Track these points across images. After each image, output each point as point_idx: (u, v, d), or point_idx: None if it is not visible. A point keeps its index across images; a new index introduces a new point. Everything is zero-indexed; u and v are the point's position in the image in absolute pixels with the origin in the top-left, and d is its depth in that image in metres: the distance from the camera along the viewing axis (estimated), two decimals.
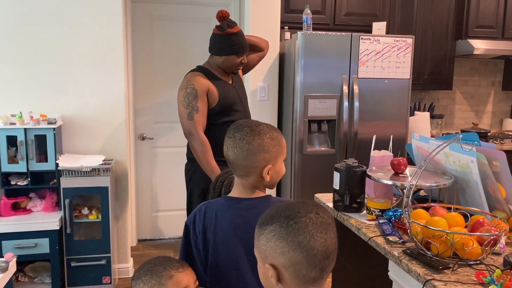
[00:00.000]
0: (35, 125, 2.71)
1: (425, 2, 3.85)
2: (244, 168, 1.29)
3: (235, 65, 2.50)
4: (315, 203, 0.99)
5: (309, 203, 0.97)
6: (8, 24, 2.85)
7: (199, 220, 1.34)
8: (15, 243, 2.65)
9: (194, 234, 1.35)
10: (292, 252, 0.90)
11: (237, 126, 1.33)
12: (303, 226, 0.92)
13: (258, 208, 1.31)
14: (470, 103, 4.54)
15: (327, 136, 3.28)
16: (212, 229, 1.32)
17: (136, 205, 3.81)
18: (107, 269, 2.87)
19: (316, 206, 0.97)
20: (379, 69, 3.23)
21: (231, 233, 1.30)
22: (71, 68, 2.96)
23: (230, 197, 1.37)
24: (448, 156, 1.79)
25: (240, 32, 2.48)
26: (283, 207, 0.97)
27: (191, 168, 2.55)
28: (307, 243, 0.90)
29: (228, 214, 1.32)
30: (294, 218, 0.92)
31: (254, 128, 1.29)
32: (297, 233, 0.91)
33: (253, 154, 1.27)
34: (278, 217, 0.95)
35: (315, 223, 0.92)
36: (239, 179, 1.34)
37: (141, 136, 3.74)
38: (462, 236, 1.35)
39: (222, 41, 2.45)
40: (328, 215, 0.97)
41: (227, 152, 1.31)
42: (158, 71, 3.71)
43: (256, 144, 1.28)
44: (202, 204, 1.39)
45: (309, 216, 0.93)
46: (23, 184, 2.76)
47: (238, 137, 1.29)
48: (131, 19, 3.58)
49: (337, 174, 1.89)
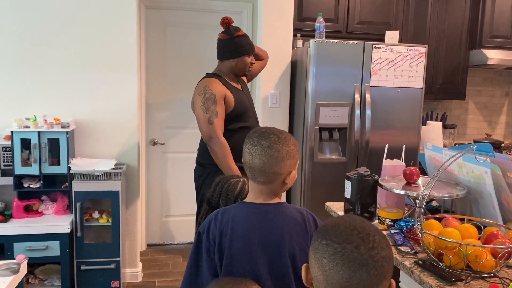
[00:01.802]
0: (48, 128, 2.74)
1: (439, 12, 3.84)
2: (271, 175, 1.31)
3: (247, 65, 2.57)
4: (374, 236, 0.86)
5: (360, 233, 0.86)
6: (24, 28, 2.90)
7: (215, 227, 1.33)
8: (26, 245, 2.67)
9: (207, 242, 1.33)
10: (316, 268, 0.88)
11: (260, 133, 1.34)
12: (331, 252, 0.85)
13: (275, 214, 1.32)
14: (483, 113, 4.50)
15: (338, 144, 3.27)
16: (228, 235, 1.30)
17: (146, 209, 3.82)
18: (116, 273, 2.87)
19: (365, 240, 0.84)
20: (391, 78, 3.22)
21: (249, 238, 1.30)
22: (85, 73, 3.00)
23: (246, 202, 1.37)
24: (461, 167, 1.77)
25: (246, 34, 2.59)
26: (333, 223, 0.90)
27: (203, 173, 2.56)
28: (328, 270, 0.84)
29: (245, 220, 1.32)
30: (328, 239, 0.86)
31: (280, 136, 1.33)
32: (323, 255, 0.86)
33: (282, 161, 1.30)
34: (322, 228, 0.91)
35: (345, 255, 0.83)
36: (258, 185, 1.34)
37: (152, 141, 3.76)
38: (475, 248, 1.34)
39: (232, 45, 2.52)
40: (376, 255, 0.83)
41: (252, 160, 1.31)
42: (171, 77, 3.74)
43: (284, 151, 1.31)
44: (217, 211, 1.39)
45: (343, 246, 0.84)
46: (35, 187, 2.79)
47: (266, 145, 1.30)
48: (145, 25, 3.61)
49: (349, 182, 1.88)
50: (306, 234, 1.33)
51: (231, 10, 3.73)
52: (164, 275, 3.33)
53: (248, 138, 1.35)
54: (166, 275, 3.33)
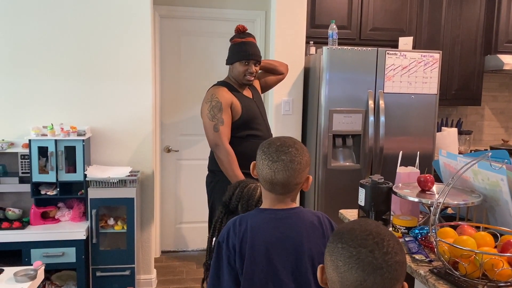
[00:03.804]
0: (65, 136, 2.79)
1: (453, 17, 3.81)
2: (292, 186, 1.34)
3: (241, 73, 2.54)
4: (389, 241, 0.88)
5: (375, 237, 0.87)
6: (43, 38, 2.96)
7: (233, 235, 1.33)
8: (43, 252, 2.72)
9: (227, 250, 1.33)
10: (331, 270, 0.90)
11: (277, 147, 1.33)
12: (347, 255, 0.87)
13: (293, 219, 1.34)
14: (500, 119, 4.44)
15: (352, 151, 3.25)
16: (249, 243, 1.31)
17: (160, 216, 3.85)
18: (131, 280, 2.90)
19: (379, 245, 0.86)
20: (405, 84, 3.20)
21: (270, 245, 1.31)
22: (101, 82, 3.05)
23: (263, 209, 1.38)
24: (476, 174, 1.75)
25: (249, 42, 2.54)
26: (349, 227, 0.92)
27: (213, 180, 2.58)
28: (343, 272, 0.87)
29: (265, 227, 1.33)
30: (344, 243, 0.88)
31: (297, 147, 1.35)
32: (338, 257, 0.88)
33: (302, 172, 1.34)
34: (338, 231, 0.93)
35: (360, 259, 0.85)
36: (276, 196, 1.36)
37: (166, 149, 3.80)
38: (491, 256, 1.32)
39: (230, 50, 2.59)
40: (390, 259, 0.85)
41: (275, 176, 1.31)
42: (185, 85, 3.77)
43: (304, 162, 1.34)
44: (234, 219, 1.39)
45: (358, 250, 0.86)
46: (52, 194, 2.84)
47: (287, 160, 1.31)
48: (160, 34, 3.66)
49: (363, 190, 1.87)
50: (323, 237, 1.35)
51: (244, 18, 3.75)
52: (178, 282, 3.34)
53: (265, 153, 1.34)
54: (180, 282, 3.34)
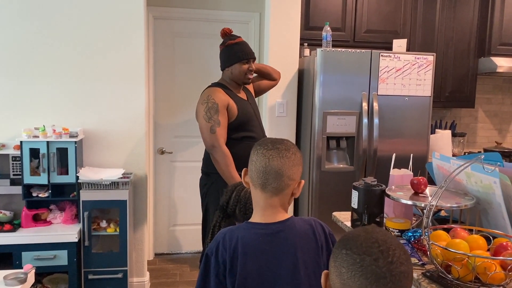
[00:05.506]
0: (57, 138, 2.76)
1: (447, 20, 3.82)
2: (285, 179, 1.28)
3: (242, 72, 2.58)
4: (394, 250, 0.86)
5: (381, 246, 0.86)
6: (34, 39, 2.94)
7: (223, 250, 1.27)
8: (34, 254, 2.69)
9: (216, 265, 1.27)
10: (334, 276, 0.89)
11: (274, 141, 1.33)
12: (350, 262, 0.86)
13: (285, 232, 1.30)
14: (494, 121, 4.46)
15: (346, 153, 3.25)
16: (239, 259, 1.26)
17: (154, 218, 3.83)
18: (123, 283, 2.87)
19: (384, 254, 0.84)
20: (399, 86, 3.20)
21: (263, 261, 1.26)
22: (94, 83, 3.03)
23: (253, 223, 1.32)
24: (469, 177, 1.75)
25: (243, 42, 2.61)
26: (355, 234, 0.90)
27: (207, 182, 2.57)
28: (346, 279, 0.86)
29: (256, 243, 1.28)
30: (348, 250, 0.87)
31: (291, 144, 1.34)
32: (342, 264, 0.87)
33: (296, 166, 1.31)
34: (344, 237, 0.91)
35: (364, 267, 0.84)
36: (267, 198, 1.30)
37: (160, 150, 3.78)
38: (484, 260, 1.31)
39: (225, 53, 2.59)
40: (394, 269, 0.84)
41: (269, 163, 1.27)
42: (179, 87, 3.76)
43: (298, 157, 1.33)
44: (224, 232, 1.33)
45: (363, 257, 0.85)
46: (44, 196, 2.81)
47: (283, 148, 1.30)
48: (153, 35, 3.65)
49: (356, 192, 1.86)
50: (316, 245, 1.32)
51: (239, 20, 3.75)
52: (171, 285, 3.32)
53: (260, 145, 1.32)
54: (173, 285, 3.32)
